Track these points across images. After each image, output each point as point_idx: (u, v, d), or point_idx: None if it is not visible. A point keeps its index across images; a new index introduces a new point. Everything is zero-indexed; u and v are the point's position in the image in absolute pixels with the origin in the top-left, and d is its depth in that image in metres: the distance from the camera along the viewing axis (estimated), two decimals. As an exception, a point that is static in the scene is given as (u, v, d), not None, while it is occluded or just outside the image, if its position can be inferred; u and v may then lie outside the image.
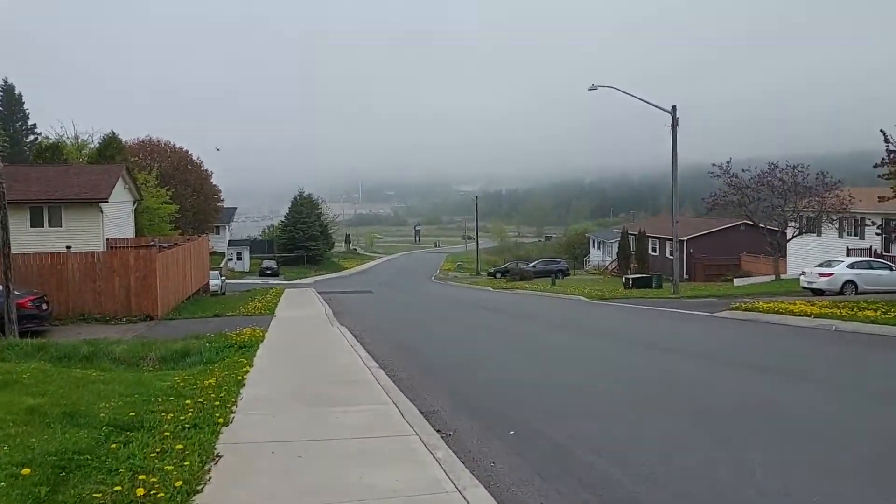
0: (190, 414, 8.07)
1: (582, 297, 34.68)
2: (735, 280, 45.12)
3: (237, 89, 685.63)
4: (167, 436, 7.05)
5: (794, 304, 21.09)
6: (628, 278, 43.48)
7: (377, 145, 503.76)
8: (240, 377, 10.73)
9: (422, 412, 8.53)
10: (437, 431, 7.59)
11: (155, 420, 7.83)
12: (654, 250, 63.70)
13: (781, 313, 19.75)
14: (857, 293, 29.99)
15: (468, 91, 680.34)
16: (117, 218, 38.28)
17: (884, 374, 11.92)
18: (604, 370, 12.33)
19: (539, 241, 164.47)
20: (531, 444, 7.32)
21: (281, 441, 7.04)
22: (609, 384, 10.99)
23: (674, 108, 34.28)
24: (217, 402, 8.77)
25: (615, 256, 73.84)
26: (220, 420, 7.73)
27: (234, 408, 8.60)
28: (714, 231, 57.81)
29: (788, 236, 41.39)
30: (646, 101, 34.22)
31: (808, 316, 18.66)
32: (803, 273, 32.76)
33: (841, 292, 30.12)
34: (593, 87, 33.97)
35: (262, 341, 16.20)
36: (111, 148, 49.18)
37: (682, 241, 59.31)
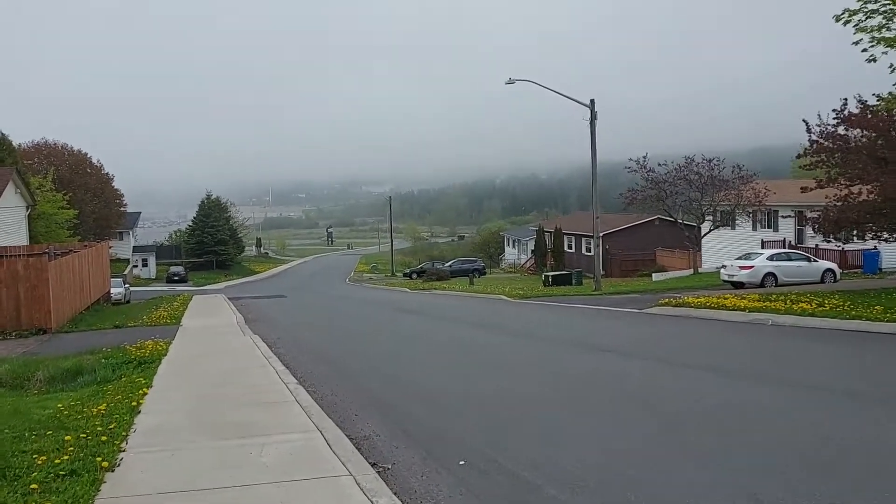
0: (68, 455, 6.59)
1: (503, 297, 33.88)
2: (653, 275, 45.21)
3: (143, 89, 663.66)
4: (34, 489, 5.62)
5: (726, 298, 20.66)
6: (548, 276, 42.99)
7: (287, 148, 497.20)
8: (135, 401, 9.25)
9: (352, 439, 7.30)
10: (373, 465, 6.37)
11: (22, 465, 6.34)
12: (570, 247, 63.74)
13: (713, 308, 19.26)
14: (776, 285, 30.09)
15: (378, 92, 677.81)
16: (8, 224, 35.50)
17: (839, 369, 11.31)
18: (548, 377, 11.33)
19: (452, 240, 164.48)
20: (487, 477, 6.18)
21: (180, 491, 5.67)
22: (558, 392, 10.00)
23: (592, 101, 33.83)
24: (104, 437, 7.31)
25: (531, 254, 73.77)
26: (105, 464, 6.29)
27: (124, 444, 7.17)
28: (629, 227, 58.16)
29: (704, 230, 41.56)
30: (564, 95, 33.67)
31: (743, 310, 18.20)
32: (723, 266, 32.75)
33: (762, 284, 30.17)
34: (511, 81, 33.22)
35: (164, 355, 14.63)
36: (1, 150, 45.79)
37: (599, 238, 59.53)
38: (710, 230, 41.23)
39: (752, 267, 30.92)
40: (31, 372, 13.79)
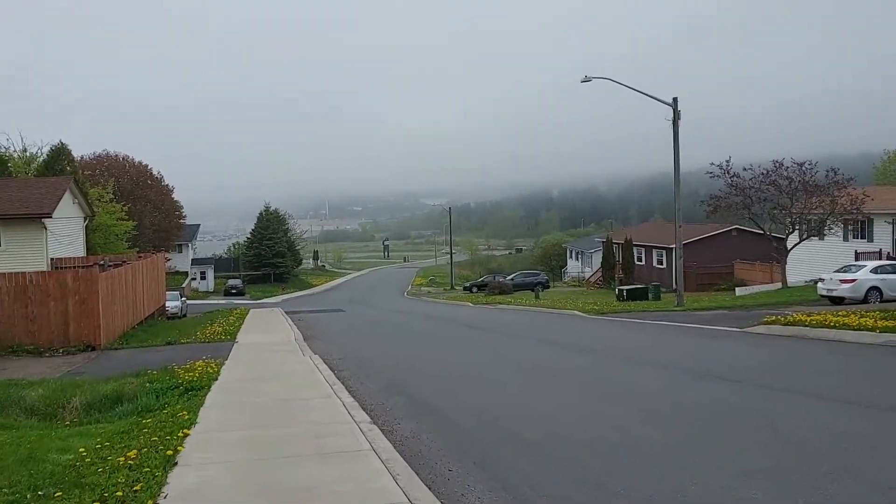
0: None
1: (577, 312, 31.63)
2: (736, 290, 42.44)
3: (202, 106, 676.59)
4: None
5: (847, 315, 18.14)
6: (622, 290, 40.51)
7: (343, 162, 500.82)
8: (172, 448, 7.41)
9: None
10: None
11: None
12: (639, 259, 60.97)
13: (834, 327, 16.79)
14: (882, 300, 27.38)
15: (434, 105, 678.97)
16: (64, 235, 34.60)
17: None
18: (680, 415, 9.15)
19: (510, 253, 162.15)
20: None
21: None
22: (698, 437, 7.87)
23: (675, 100, 31.44)
24: (124, 506, 5.50)
25: (595, 267, 71.18)
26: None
27: (148, 521, 5.33)
28: (705, 238, 55.15)
29: (791, 241, 38.55)
30: (644, 94, 31.37)
31: (871, 330, 15.73)
32: (820, 280, 30.05)
33: (865, 300, 27.48)
34: (587, 79, 31.02)
35: (215, 380, 12.87)
36: (60, 160, 45.27)
37: (671, 249, 56.72)
38: (801, 240, 38.26)
39: (855, 280, 28.23)
40: (68, 398, 12.20)
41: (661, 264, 58.66)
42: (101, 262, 31.06)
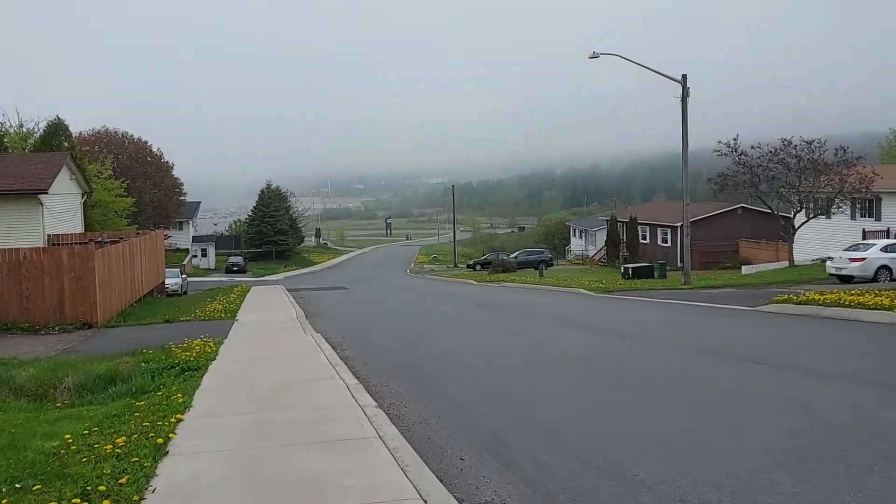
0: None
1: (583, 290, 31.12)
2: (742, 268, 41.89)
3: (203, 80, 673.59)
4: None
5: (862, 294, 17.57)
6: (627, 268, 39.99)
7: (345, 140, 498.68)
8: (163, 435, 6.89)
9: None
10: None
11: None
12: (644, 238, 60.38)
13: (849, 306, 16.24)
14: (892, 279, 26.87)
15: (435, 83, 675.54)
16: (62, 212, 34.02)
17: None
18: (707, 400, 8.61)
19: (512, 231, 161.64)
20: None
21: None
22: (728, 424, 7.36)
23: (684, 77, 30.75)
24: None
25: (600, 245, 70.64)
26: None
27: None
28: (710, 216, 54.50)
29: (798, 219, 37.92)
30: (653, 70, 30.70)
31: (888, 310, 15.17)
32: (828, 258, 29.51)
33: (874, 279, 26.98)
34: (595, 55, 30.33)
35: (213, 359, 12.38)
36: (57, 136, 44.59)
37: (675, 228, 56.15)
38: (809, 219, 37.64)
39: (865, 259, 27.69)
40: (60, 378, 11.73)
41: (666, 242, 58.10)
42: (99, 239, 30.57)
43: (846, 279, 27.78)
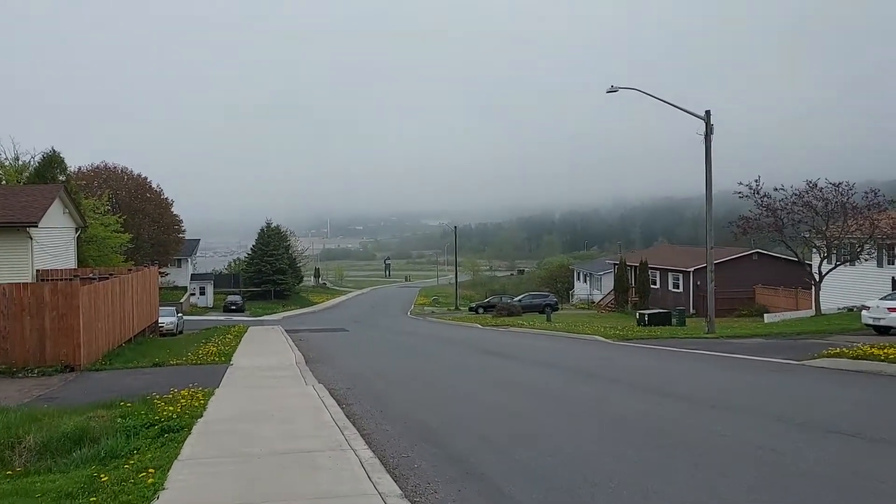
0: None
1: (599, 337, 29.42)
2: (765, 316, 40.19)
3: (204, 120, 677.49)
4: None
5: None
6: (643, 314, 38.30)
7: (343, 181, 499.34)
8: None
9: None
10: None
11: None
12: (654, 283, 58.73)
13: (916, 363, 14.60)
14: (934, 331, 25.23)
15: (434, 126, 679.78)
16: (53, 246, 32.49)
17: None
18: (812, 489, 6.96)
19: (512, 274, 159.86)
20: None
21: None
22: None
23: (707, 113, 29.39)
24: None
25: (605, 289, 69.05)
26: None
27: None
28: (724, 261, 52.74)
29: (821, 266, 36.21)
30: (675, 106, 29.36)
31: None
32: (864, 307, 27.87)
33: (917, 331, 25.32)
34: (613, 89, 29.02)
35: (200, 417, 10.70)
36: (52, 168, 43.20)
37: (688, 273, 54.65)
38: (836, 265, 36.00)
39: (905, 309, 26.02)
40: (22, 435, 10.05)
41: (678, 288, 56.47)
42: (91, 276, 28.95)
43: (883, 331, 26.13)
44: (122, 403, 12.00)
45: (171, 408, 11.36)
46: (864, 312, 27.41)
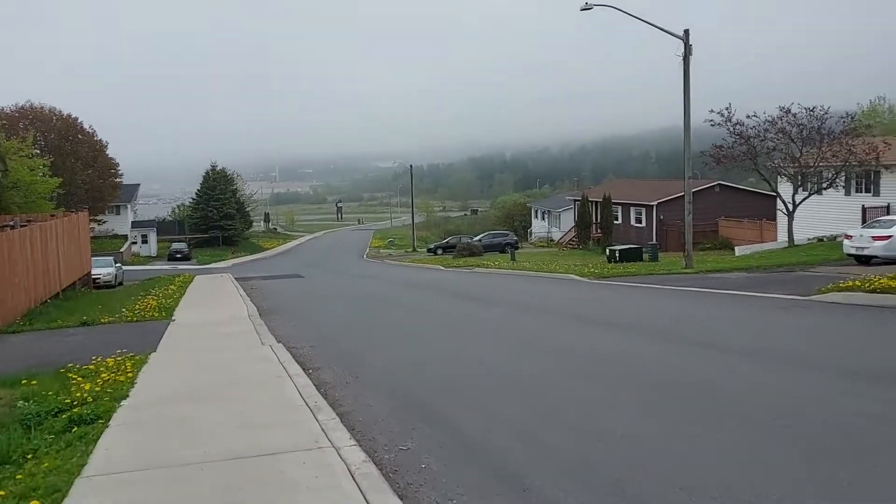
0: None
1: (574, 276, 27.40)
2: (736, 249, 38.63)
3: (147, 62, 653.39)
4: None
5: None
6: (613, 250, 36.36)
7: (292, 123, 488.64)
8: None
9: None
10: None
11: None
12: (616, 219, 56.96)
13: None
14: (917, 259, 23.76)
15: (381, 66, 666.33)
16: (-32, 193, 29.20)
17: None
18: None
19: (465, 214, 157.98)
20: None
21: None
22: None
23: (686, 32, 27.08)
24: None
25: (564, 227, 67.25)
26: None
27: None
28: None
29: (795, 196, 34.45)
30: (651, 24, 26.95)
31: None
32: (847, 237, 26.25)
33: (900, 259, 23.82)
34: (587, 7, 26.45)
35: (126, 397, 8.23)
36: (-33, 107, 39.27)
37: (651, 206, 53.01)
38: (810, 193, 34.32)
39: (890, 237, 24.48)
40: None
41: (640, 223, 54.83)
42: (8, 223, 25.84)
43: (865, 260, 24.66)
44: (28, 381, 9.44)
45: (89, 384, 8.85)
46: (845, 242, 25.83)
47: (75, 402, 8.06)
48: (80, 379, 9.32)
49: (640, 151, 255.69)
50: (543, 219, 79.59)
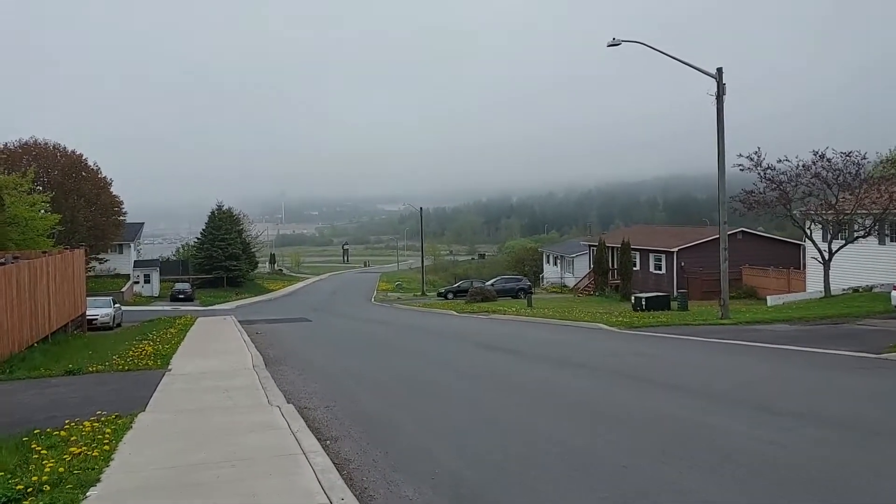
0: None
1: (603, 325, 25.52)
2: (767, 299, 36.69)
3: (155, 106, 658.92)
4: None
5: None
6: (640, 298, 34.42)
7: (298, 166, 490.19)
8: None
9: None
10: None
11: None
12: (634, 265, 55.12)
13: None
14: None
15: (387, 111, 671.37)
16: (-39, 228, 27.59)
17: None
18: None
19: (472, 259, 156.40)
20: None
21: None
22: None
23: (719, 70, 25.52)
24: None
25: (578, 272, 65.42)
26: None
27: None
28: (706, 241, 49.15)
29: (831, 243, 32.58)
30: (684, 63, 25.42)
31: None
32: (895, 288, 24.53)
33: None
34: (615, 42, 24.94)
35: (94, 484, 6.38)
36: (-33, 141, 37.88)
37: (672, 253, 51.23)
38: (848, 241, 32.46)
39: (946, 289, 22.77)
40: None
41: (660, 269, 52.93)
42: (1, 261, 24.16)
43: (914, 312, 22.98)
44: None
45: (52, 462, 7.01)
46: (893, 293, 24.12)
47: (29, 489, 6.22)
48: (44, 452, 7.50)
49: (647, 197, 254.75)
50: (556, 264, 77.73)
